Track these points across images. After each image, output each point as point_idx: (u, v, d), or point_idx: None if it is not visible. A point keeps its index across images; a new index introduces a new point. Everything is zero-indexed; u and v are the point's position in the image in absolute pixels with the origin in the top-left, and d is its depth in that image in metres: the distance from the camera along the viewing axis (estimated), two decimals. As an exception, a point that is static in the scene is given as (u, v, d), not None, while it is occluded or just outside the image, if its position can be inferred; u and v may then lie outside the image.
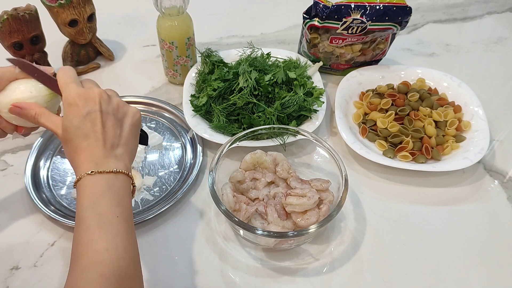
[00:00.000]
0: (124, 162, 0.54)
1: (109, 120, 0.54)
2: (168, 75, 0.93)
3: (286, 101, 0.78)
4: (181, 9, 0.82)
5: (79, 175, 0.51)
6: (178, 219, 0.71)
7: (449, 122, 0.81)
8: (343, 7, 0.83)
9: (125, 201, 0.52)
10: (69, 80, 0.55)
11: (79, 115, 0.53)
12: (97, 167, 0.51)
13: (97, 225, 0.48)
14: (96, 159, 0.52)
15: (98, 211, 0.49)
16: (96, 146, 0.52)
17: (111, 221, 0.49)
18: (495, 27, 1.15)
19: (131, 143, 0.56)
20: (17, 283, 0.63)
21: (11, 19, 0.77)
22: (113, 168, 0.52)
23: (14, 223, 0.70)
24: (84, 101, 0.53)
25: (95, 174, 0.51)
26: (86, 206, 0.49)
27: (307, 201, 0.63)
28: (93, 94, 0.54)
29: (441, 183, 0.77)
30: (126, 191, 0.53)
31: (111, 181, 0.51)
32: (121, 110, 0.56)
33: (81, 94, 0.54)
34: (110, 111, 0.55)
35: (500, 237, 0.70)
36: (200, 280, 0.64)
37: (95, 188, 0.50)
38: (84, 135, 0.52)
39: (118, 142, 0.54)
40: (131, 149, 0.56)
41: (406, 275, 0.65)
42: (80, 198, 0.50)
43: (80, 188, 0.51)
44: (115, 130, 0.54)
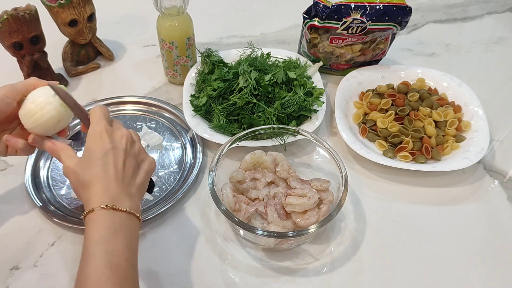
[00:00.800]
0: (136, 203, 0.54)
1: (130, 161, 0.55)
2: (168, 75, 0.93)
3: (286, 101, 0.78)
4: (181, 9, 0.82)
5: (91, 207, 0.50)
6: (178, 219, 0.71)
7: (449, 122, 0.81)
8: (343, 7, 0.83)
9: (134, 245, 0.51)
10: (102, 116, 0.57)
11: (103, 148, 0.54)
12: (113, 202, 0.51)
13: (107, 265, 0.47)
14: (111, 194, 0.51)
15: (109, 250, 0.48)
16: (113, 180, 0.52)
17: (121, 264, 0.48)
18: (495, 27, 1.15)
19: (142, 188, 0.57)
20: (17, 283, 0.63)
21: (11, 19, 0.77)
22: (127, 208, 0.51)
23: (14, 223, 0.70)
24: (111, 137, 0.55)
25: (109, 209, 0.50)
26: (97, 241, 0.48)
27: (307, 201, 0.63)
28: (120, 134, 0.56)
29: (441, 183, 0.77)
30: (135, 234, 0.52)
31: (124, 221, 0.51)
32: (141, 155, 0.58)
33: (109, 130, 0.55)
34: (132, 154, 0.56)
35: (500, 237, 0.70)
36: (200, 280, 0.64)
37: (108, 224, 0.49)
38: (104, 166, 0.53)
39: (133, 183, 0.55)
40: (141, 192, 0.57)
41: (406, 275, 0.65)
42: (91, 231, 0.49)
43: (91, 221, 0.50)
44: (133, 172, 0.55)
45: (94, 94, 0.92)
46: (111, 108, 0.88)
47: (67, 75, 0.96)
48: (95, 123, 0.56)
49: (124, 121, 0.86)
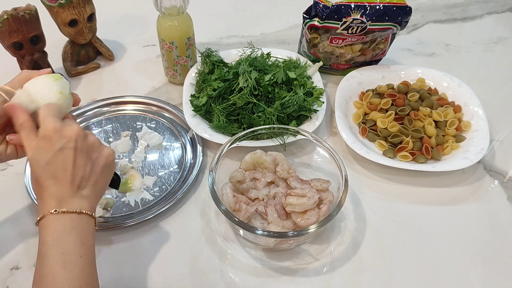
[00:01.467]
0: (90, 202, 0.54)
1: (81, 158, 0.53)
2: (168, 75, 0.93)
3: (286, 101, 0.78)
4: (181, 9, 0.82)
5: (42, 213, 0.51)
6: (178, 219, 0.71)
7: (449, 122, 0.81)
8: (343, 7, 0.83)
9: (89, 242, 0.52)
10: (50, 113, 0.54)
11: (51, 150, 0.51)
12: (61, 206, 0.51)
13: (61, 264, 0.48)
14: (60, 198, 0.51)
15: (62, 250, 0.49)
16: (63, 185, 0.52)
17: (75, 261, 0.49)
18: (495, 27, 1.15)
19: (100, 184, 0.56)
20: (17, 283, 0.63)
21: (11, 19, 0.77)
22: (77, 209, 0.51)
23: (14, 223, 0.70)
24: (59, 136, 0.52)
25: (58, 213, 0.50)
26: (49, 243, 0.49)
27: (307, 201, 0.63)
28: (70, 130, 0.53)
29: (441, 183, 0.77)
30: (89, 232, 0.53)
31: (74, 221, 0.51)
32: (95, 149, 0.55)
33: (57, 129, 0.52)
34: (84, 149, 0.54)
35: (500, 237, 0.70)
36: (200, 280, 0.64)
37: (58, 227, 0.50)
38: (53, 172, 0.52)
39: (86, 183, 0.54)
40: (99, 189, 0.56)
41: (406, 275, 0.65)
42: (43, 235, 0.50)
43: (43, 226, 0.51)
44: (85, 170, 0.53)
45: (94, 94, 0.92)
46: (111, 108, 0.88)
47: (67, 75, 0.96)
48: (42, 122, 0.53)
49: (124, 121, 0.86)
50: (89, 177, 0.54)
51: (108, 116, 0.87)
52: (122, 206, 0.72)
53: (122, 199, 0.73)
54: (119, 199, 0.73)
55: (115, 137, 0.83)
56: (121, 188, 0.74)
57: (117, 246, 0.67)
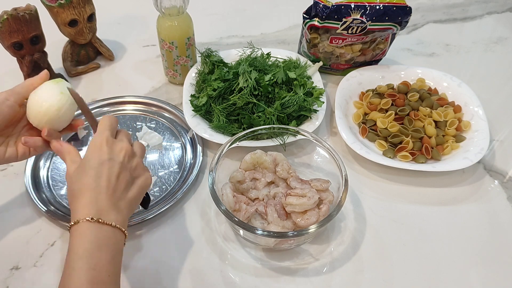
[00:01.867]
0: (123, 218, 0.53)
1: (124, 174, 0.55)
2: (168, 75, 0.93)
3: (286, 101, 0.78)
4: (181, 9, 0.82)
5: (77, 218, 0.50)
6: (178, 219, 0.71)
7: (449, 122, 0.81)
8: (343, 7, 0.83)
9: (118, 259, 0.51)
10: (108, 127, 0.58)
11: (99, 158, 0.54)
12: (98, 215, 0.50)
13: (89, 280, 0.47)
14: (99, 206, 0.51)
15: (92, 265, 0.48)
16: (103, 192, 0.52)
17: (103, 280, 0.48)
18: (495, 27, 1.15)
19: (134, 202, 0.57)
20: (17, 283, 0.63)
21: (11, 19, 0.77)
22: (113, 221, 0.51)
23: (14, 223, 0.70)
24: (110, 148, 0.55)
25: (94, 222, 0.50)
26: (81, 255, 0.48)
27: (307, 201, 0.63)
28: (120, 146, 0.56)
29: (441, 183, 0.77)
30: (120, 249, 0.52)
31: (108, 235, 0.51)
32: (137, 170, 0.58)
33: (109, 142, 0.56)
34: (129, 167, 0.56)
35: (500, 237, 0.70)
36: (200, 280, 0.64)
37: (92, 238, 0.49)
38: (97, 177, 0.53)
39: (124, 197, 0.54)
40: (132, 207, 0.56)
41: (406, 275, 0.65)
42: (75, 244, 0.49)
43: (76, 234, 0.49)
44: (126, 185, 0.55)
45: (94, 94, 0.92)
46: (111, 108, 0.88)
47: (67, 75, 0.96)
48: (99, 132, 0.57)
49: (124, 121, 0.86)
50: (127, 192, 0.55)
51: (108, 116, 0.87)
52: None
53: (122, 199, 0.73)
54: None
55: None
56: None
57: (117, 246, 0.67)
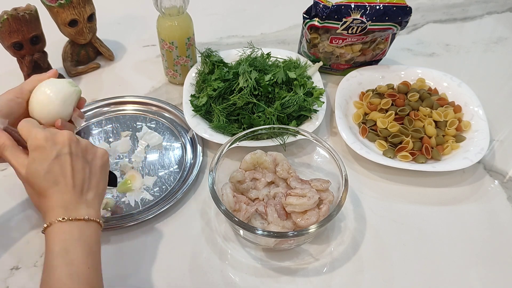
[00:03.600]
0: (95, 208, 0.53)
1: (78, 162, 0.53)
2: (168, 75, 0.93)
3: (286, 101, 0.78)
4: (181, 9, 0.82)
5: (49, 221, 0.50)
6: (178, 219, 0.71)
7: (449, 122, 0.81)
8: (343, 7, 0.83)
9: (96, 251, 0.51)
10: (32, 125, 0.54)
11: (48, 158, 0.51)
12: (68, 213, 0.50)
13: (68, 275, 0.47)
14: (66, 205, 0.51)
15: (69, 260, 0.48)
16: (66, 191, 0.51)
17: (82, 271, 0.48)
18: (495, 27, 1.15)
19: (101, 185, 0.56)
20: (17, 283, 0.63)
21: (11, 19, 0.77)
22: (85, 216, 0.51)
23: (14, 223, 0.70)
24: (52, 143, 0.52)
25: (66, 221, 0.50)
26: (57, 253, 0.48)
27: (307, 201, 0.63)
28: (61, 137, 0.53)
29: (441, 183, 0.77)
30: (96, 240, 0.52)
31: (82, 229, 0.51)
32: (89, 151, 0.56)
33: (48, 137, 0.53)
34: (79, 153, 0.54)
35: (500, 237, 0.70)
36: (200, 280, 0.64)
37: (66, 236, 0.49)
38: (54, 179, 0.51)
39: (88, 186, 0.54)
40: (100, 191, 0.56)
41: (406, 275, 0.65)
42: (50, 245, 0.49)
43: (50, 235, 0.50)
44: (85, 173, 0.53)
45: (94, 94, 0.92)
46: (111, 108, 0.88)
47: (67, 75, 0.96)
48: (28, 136, 0.53)
49: (124, 121, 0.86)
50: (90, 179, 0.54)
51: (108, 116, 0.87)
52: (122, 206, 0.72)
53: (122, 199, 0.73)
54: (119, 199, 0.73)
55: (115, 137, 0.83)
56: (121, 188, 0.74)
57: (117, 246, 0.67)
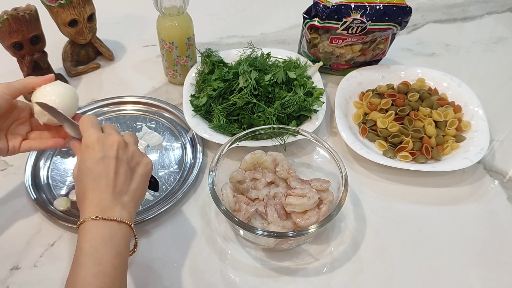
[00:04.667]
0: (129, 211, 0.54)
1: (122, 167, 0.55)
2: (168, 75, 0.93)
3: (286, 101, 0.78)
4: (181, 9, 0.82)
5: (83, 218, 0.51)
6: (178, 219, 0.71)
7: (449, 122, 0.81)
8: (343, 7, 0.83)
9: (124, 253, 0.52)
10: (90, 125, 0.57)
11: (94, 158, 0.54)
12: (102, 213, 0.51)
13: (94, 274, 0.48)
14: (102, 205, 0.52)
15: (97, 259, 0.49)
16: (105, 191, 0.53)
17: (108, 273, 0.49)
18: (495, 27, 1.15)
19: (139, 192, 0.57)
20: (17, 283, 0.63)
21: (11, 19, 0.77)
22: (118, 217, 0.52)
23: (14, 223, 0.70)
24: (102, 146, 0.55)
25: (99, 220, 0.51)
26: (86, 251, 0.49)
27: (307, 201, 0.63)
28: (111, 141, 0.56)
29: (441, 183, 0.77)
30: (126, 243, 0.53)
31: (113, 230, 0.51)
32: (135, 159, 0.58)
33: (100, 139, 0.55)
34: (125, 159, 0.56)
35: (500, 237, 0.70)
36: (200, 280, 0.64)
37: (97, 235, 0.50)
38: (95, 177, 0.53)
39: (126, 190, 0.55)
40: (137, 197, 0.57)
41: (406, 275, 0.65)
42: (81, 242, 0.50)
43: (82, 232, 0.51)
44: (126, 178, 0.55)
45: (94, 94, 0.92)
46: (111, 108, 0.88)
47: (67, 75, 0.96)
48: (84, 133, 0.57)
49: (124, 121, 0.86)
50: (129, 185, 0.56)
51: (108, 116, 0.87)
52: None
53: (122, 199, 0.73)
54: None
55: (115, 137, 0.82)
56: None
57: (117, 246, 0.67)
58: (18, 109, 0.63)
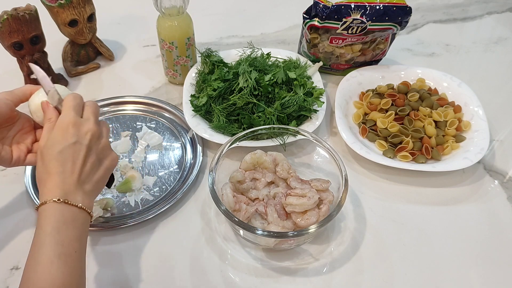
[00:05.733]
0: (90, 199, 0.55)
1: (91, 157, 0.56)
2: (168, 75, 0.93)
3: (286, 101, 0.78)
4: (181, 9, 0.82)
5: (45, 199, 0.52)
6: (178, 219, 0.71)
7: (449, 122, 0.81)
8: (343, 7, 0.83)
9: (84, 239, 0.53)
10: (72, 106, 0.57)
11: (66, 141, 0.54)
12: (65, 196, 0.52)
13: (57, 255, 0.49)
14: (66, 189, 0.53)
15: (60, 241, 0.50)
16: (70, 176, 0.54)
17: (70, 254, 0.50)
18: (495, 27, 1.15)
19: (100, 184, 0.58)
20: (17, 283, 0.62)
21: (11, 19, 0.77)
22: (79, 203, 0.53)
23: (14, 223, 0.70)
24: (76, 131, 0.55)
25: (61, 203, 0.52)
26: (49, 232, 0.50)
27: (307, 201, 0.63)
28: (86, 128, 0.56)
29: (441, 183, 0.77)
30: (86, 229, 0.54)
31: (75, 214, 0.52)
32: (104, 152, 0.59)
33: (76, 124, 0.56)
34: (95, 149, 0.57)
35: (500, 237, 0.70)
36: (200, 280, 0.64)
37: (59, 217, 0.51)
38: (63, 161, 0.54)
39: (90, 179, 0.56)
40: (98, 188, 0.58)
41: (406, 275, 0.65)
42: (43, 223, 0.51)
43: (44, 214, 0.51)
44: (92, 168, 0.56)
45: (94, 94, 0.92)
46: (111, 108, 0.88)
47: (67, 75, 0.96)
48: (64, 113, 0.56)
49: (124, 121, 0.86)
50: (94, 175, 0.57)
51: (108, 116, 0.87)
52: (122, 206, 0.72)
53: (122, 199, 0.73)
54: (119, 199, 0.73)
55: (115, 137, 0.82)
56: (121, 188, 0.74)
57: (117, 246, 0.67)
58: (21, 119, 0.64)
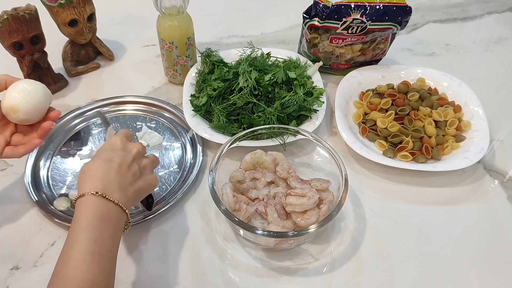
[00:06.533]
0: (127, 201, 0.55)
1: (135, 166, 0.59)
2: (168, 75, 0.93)
3: (286, 101, 0.78)
4: (181, 9, 0.82)
5: (84, 191, 0.52)
6: (178, 219, 0.71)
7: (449, 122, 0.81)
8: (343, 7, 0.83)
9: (117, 237, 0.53)
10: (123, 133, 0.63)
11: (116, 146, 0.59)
12: (104, 191, 0.52)
13: (90, 252, 0.48)
14: (106, 183, 0.53)
15: (94, 238, 0.49)
16: (113, 172, 0.55)
17: (103, 253, 0.49)
18: (495, 27, 1.15)
19: (140, 193, 0.59)
20: (17, 283, 0.63)
21: (11, 19, 0.77)
22: (117, 200, 0.53)
23: (14, 223, 0.70)
24: (124, 144, 0.60)
25: (99, 196, 0.51)
26: (84, 227, 0.49)
27: (307, 201, 0.63)
28: (134, 145, 0.61)
29: (441, 183, 0.77)
30: (120, 227, 0.54)
31: (111, 211, 0.52)
32: (147, 169, 0.61)
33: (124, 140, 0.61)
34: (138, 162, 0.60)
35: (500, 237, 0.70)
36: (200, 280, 0.64)
37: (96, 212, 0.51)
38: (110, 160, 0.56)
39: (131, 184, 0.57)
40: (136, 197, 0.59)
41: (406, 275, 0.65)
42: (79, 216, 0.50)
43: (81, 206, 0.51)
44: (134, 176, 0.58)
45: (94, 94, 0.92)
46: (111, 108, 0.88)
47: (67, 75, 0.96)
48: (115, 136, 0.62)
49: (124, 121, 0.86)
50: (135, 182, 0.58)
51: (108, 116, 0.87)
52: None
53: (122, 199, 0.73)
54: (119, 199, 0.73)
55: (115, 137, 0.83)
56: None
57: (117, 246, 0.67)
58: None
